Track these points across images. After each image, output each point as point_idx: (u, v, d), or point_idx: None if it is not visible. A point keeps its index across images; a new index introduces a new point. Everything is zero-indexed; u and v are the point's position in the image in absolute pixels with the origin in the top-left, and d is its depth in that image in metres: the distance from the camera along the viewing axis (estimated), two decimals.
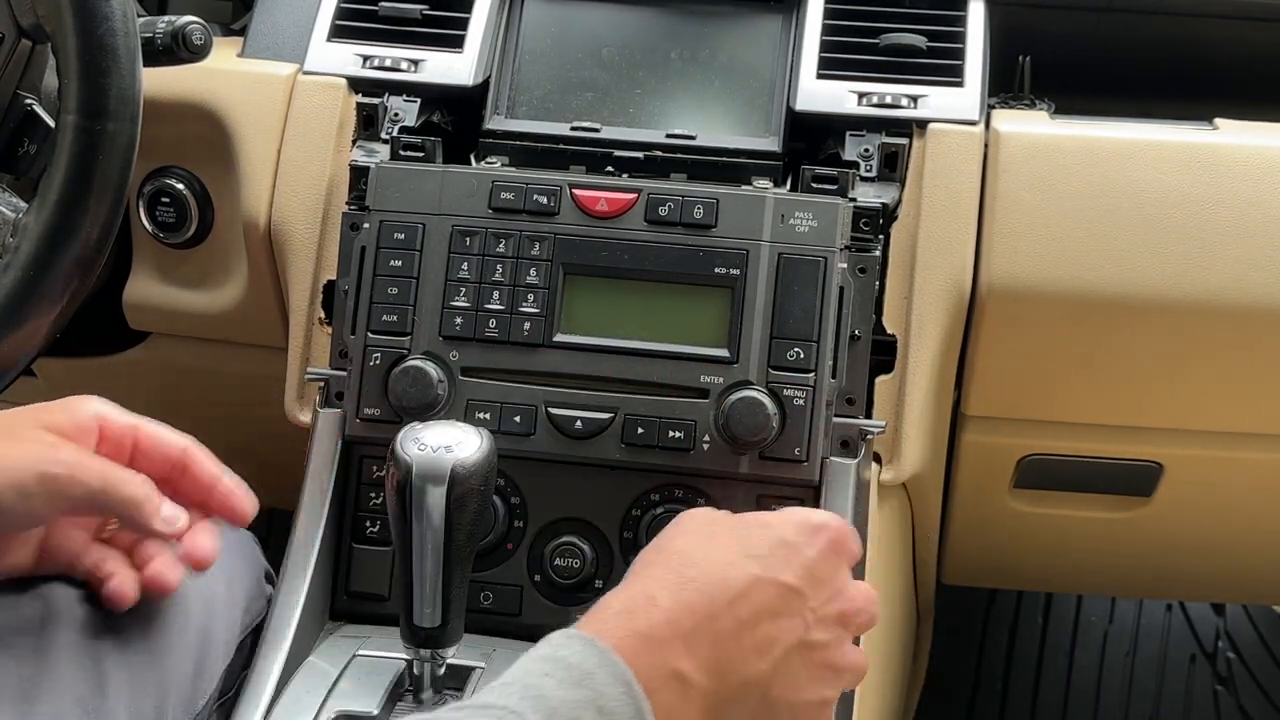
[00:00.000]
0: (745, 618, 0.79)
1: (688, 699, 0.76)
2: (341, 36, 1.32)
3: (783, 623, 0.81)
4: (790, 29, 1.30)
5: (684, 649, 0.77)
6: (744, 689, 0.79)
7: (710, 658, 0.77)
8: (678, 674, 0.76)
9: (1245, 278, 1.20)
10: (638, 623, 0.77)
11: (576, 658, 0.74)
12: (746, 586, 0.80)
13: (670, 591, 0.79)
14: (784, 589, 0.82)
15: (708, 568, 0.81)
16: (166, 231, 1.35)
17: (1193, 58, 1.45)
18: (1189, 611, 2.16)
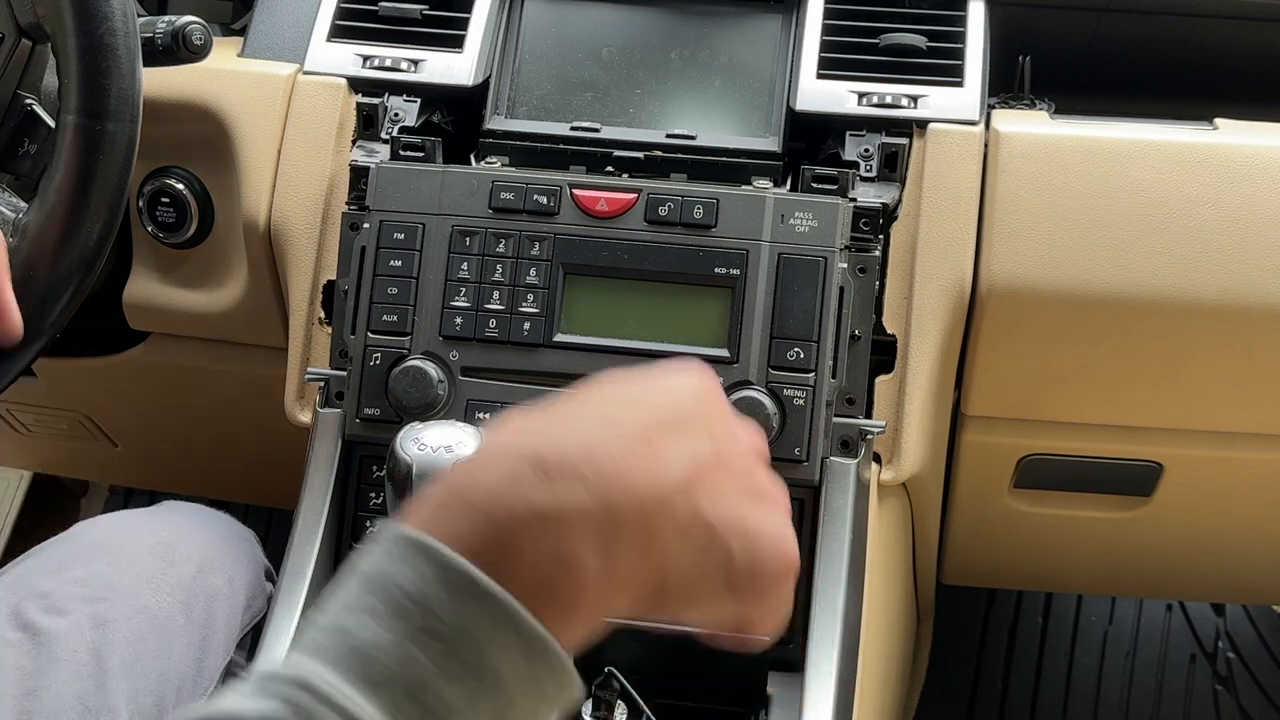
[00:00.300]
0: (620, 420, 0.61)
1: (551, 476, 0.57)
2: (341, 36, 1.32)
3: (683, 437, 0.62)
4: (790, 29, 1.30)
5: (537, 433, 0.59)
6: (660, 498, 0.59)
7: (576, 450, 0.58)
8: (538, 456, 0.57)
9: (1245, 277, 1.20)
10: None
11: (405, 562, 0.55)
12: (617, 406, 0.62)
13: (517, 419, 0.60)
14: (674, 414, 0.63)
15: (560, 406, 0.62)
16: (166, 231, 1.35)
17: (1193, 58, 1.45)
18: (1189, 611, 2.16)
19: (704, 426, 0.63)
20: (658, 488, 0.58)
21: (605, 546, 0.56)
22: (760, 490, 0.65)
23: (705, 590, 0.61)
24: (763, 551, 0.63)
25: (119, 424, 1.65)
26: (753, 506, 0.63)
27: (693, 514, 0.60)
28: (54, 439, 1.71)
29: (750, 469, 0.65)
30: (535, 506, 0.55)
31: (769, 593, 0.64)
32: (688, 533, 0.59)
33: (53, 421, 1.66)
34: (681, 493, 0.59)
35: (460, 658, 0.52)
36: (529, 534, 0.55)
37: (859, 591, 1.10)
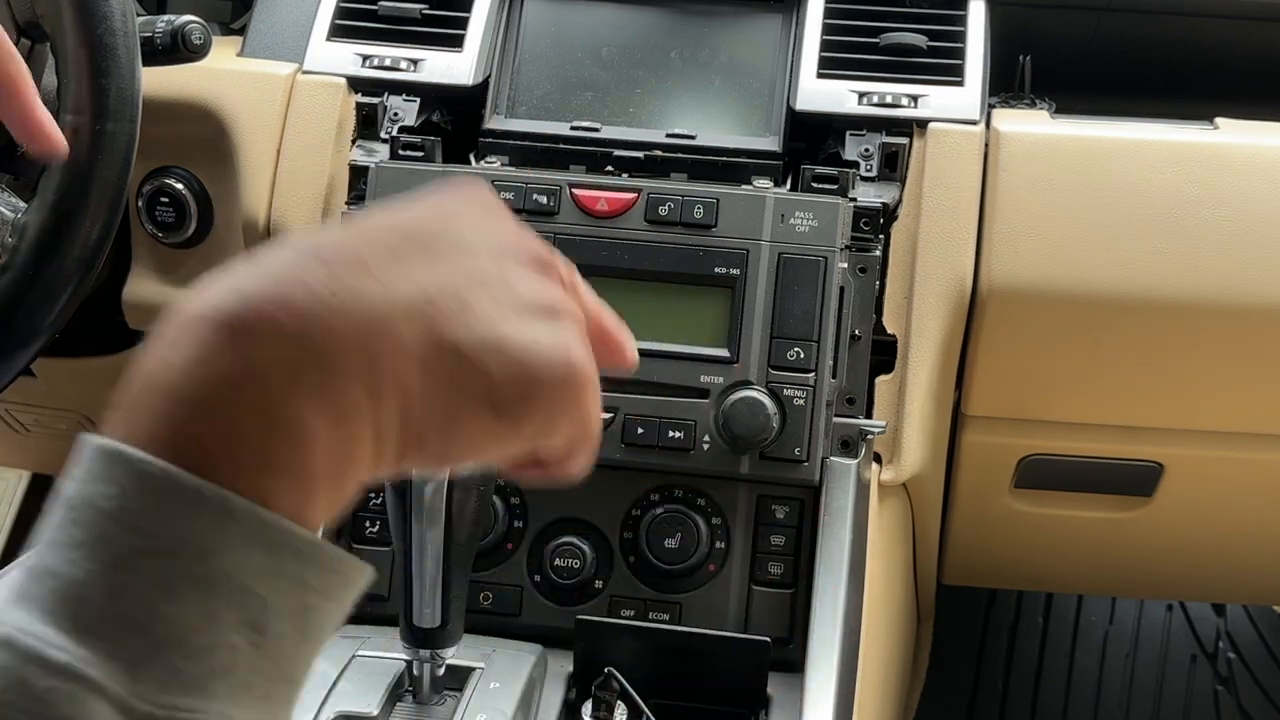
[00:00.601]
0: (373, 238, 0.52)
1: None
2: (341, 36, 1.32)
3: (419, 261, 0.52)
4: (790, 28, 1.29)
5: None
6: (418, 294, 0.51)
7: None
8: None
9: (1246, 277, 1.20)
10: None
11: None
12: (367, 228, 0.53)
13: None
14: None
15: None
16: (166, 231, 1.35)
17: (1193, 57, 1.45)
18: (1189, 612, 2.16)
19: (450, 243, 0.54)
20: (376, 317, 0.49)
21: (322, 398, 0.48)
22: (533, 303, 0.55)
23: (470, 424, 0.52)
24: (531, 363, 0.53)
25: None
26: (518, 321, 0.54)
27: (431, 341, 0.50)
28: (53, 439, 1.71)
29: (523, 280, 0.56)
30: (227, 373, 0.47)
31: (553, 410, 0.54)
32: (428, 362, 0.50)
33: (52, 421, 1.65)
34: (412, 319, 0.50)
35: (181, 571, 0.45)
36: (228, 408, 0.47)
37: (859, 592, 1.10)
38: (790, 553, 1.12)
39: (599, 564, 1.13)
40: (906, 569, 1.44)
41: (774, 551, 1.12)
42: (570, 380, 0.55)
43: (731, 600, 1.11)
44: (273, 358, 0.47)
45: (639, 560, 1.12)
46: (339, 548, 0.48)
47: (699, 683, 1.04)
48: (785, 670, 1.06)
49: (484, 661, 1.01)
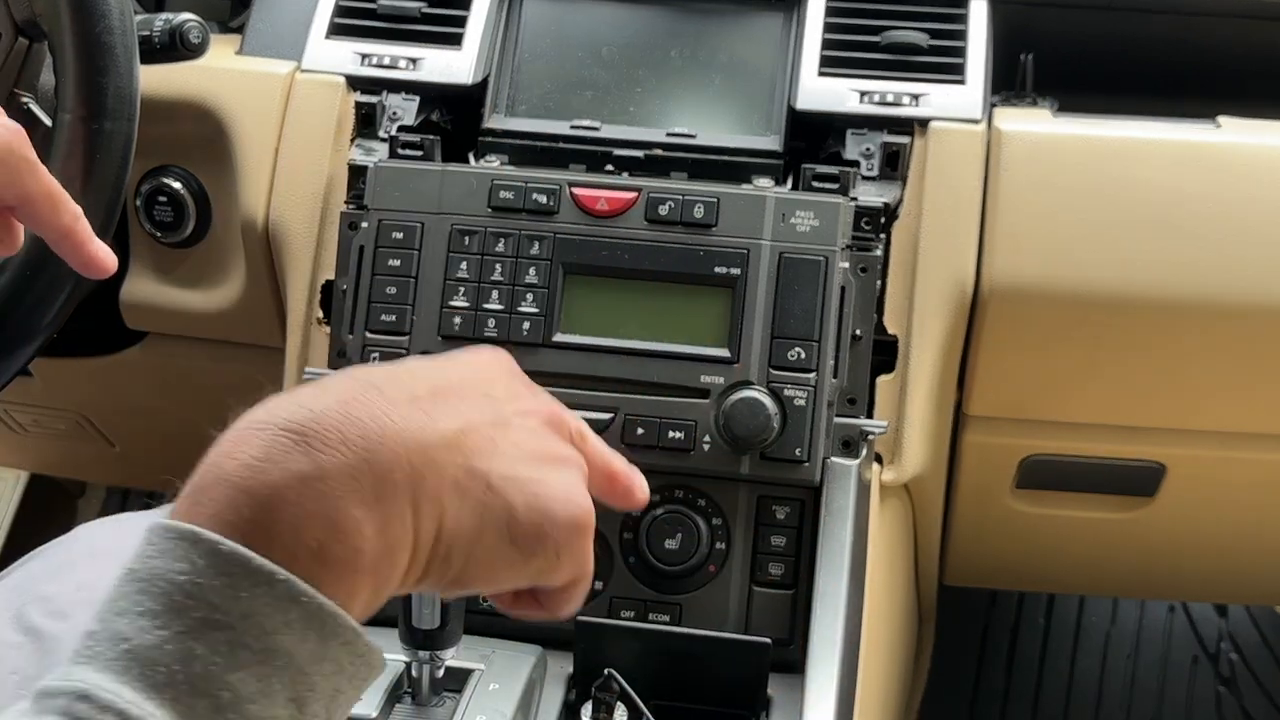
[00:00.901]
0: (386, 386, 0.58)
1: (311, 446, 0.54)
2: (340, 34, 1.32)
3: (456, 401, 0.60)
4: (791, 27, 1.29)
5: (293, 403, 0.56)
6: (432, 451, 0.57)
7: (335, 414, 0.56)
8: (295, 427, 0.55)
9: (1249, 276, 1.20)
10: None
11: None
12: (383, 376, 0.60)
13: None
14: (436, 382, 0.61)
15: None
16: (164, 231, 1.34)
17: (1195, 56, 1.44)
18: (1191, 612, 2.16)
19: (481, 393, 0.62)
20: (424, 443, 0.57)
21: (374, 504, 0.54)
22: (547, 453, 0.63)
23: (490, 548, 0.59)
24: (548, 505, 0.60)
25: (116, 424, 1.65)
26: (537, 466, 0.62)
27: (466, 469, 0.58)
28: (51, 439, 1.71)
29: (537, 432, 0.64)
30: (296, 473, 0.53)
31: (561, 550, 0.61)
32: (462, 488, 0.58)
33: (50, 421, 1.65)
34: (451, 448, 0.58)
35: (245, 644, 0.50)
36: (293, 503, 0.52)
37: (860, 593, 1.09)
38: (791, 553, 1.11)
39: (599, 564, 1.12)
40: (908, 570, 1.43)
41: (774, 552, 1.11)
42: (578, 522, 0.62)
43: (732, 601, 1.11)
44: (336, 465, 0.54)
45: (639, 561, 1.12)
46: (371, 639, 0.54)
47: (699, 684, 1.03)
48: (786, 671, 1.06)
49: (483, 663, 1.01)
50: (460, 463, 0.58)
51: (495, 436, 0.61)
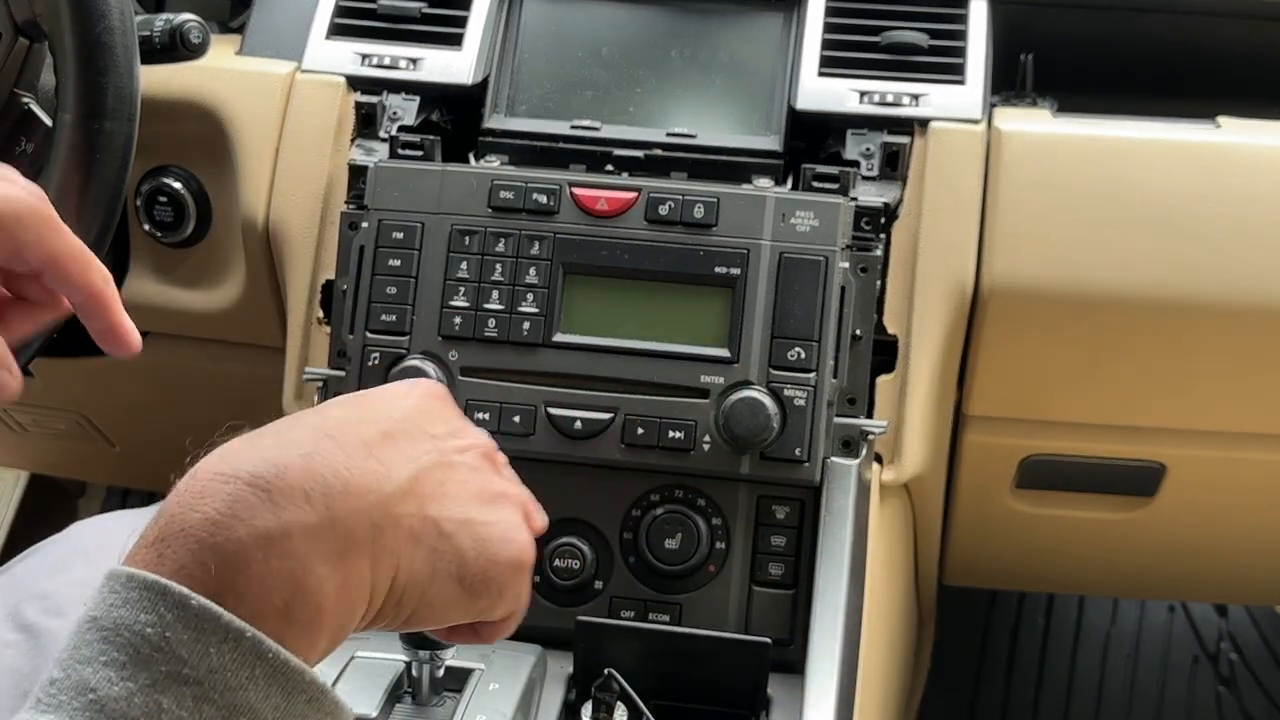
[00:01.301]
0: (336, 433, 0.61)
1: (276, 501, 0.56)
2: (340, 34, 1.32)
3: (406, 444, 0.63)
4: (791, 27, 1.29)
5: (250, 449, 0.58)
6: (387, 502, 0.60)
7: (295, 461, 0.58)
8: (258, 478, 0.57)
9: (1249, 276, 1.20)
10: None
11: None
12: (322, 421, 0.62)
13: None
14: (389, 429, 0.64)
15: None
16: (164, 231, 1.34)
17: (1195, 56, 1.44)
18: (1191, 613, 2.16)
19: (425, 432, 0.65)
20: (383, 496, 0.59)
21: (338, 562, 0.56)
22: (488, 490, 0.67)
23: (441, 592, 0.62)
24: (495, 548, 0.65)
25: (116, 424, 1.65)
26: (481, 506, 0.65)
27: (420, 518, 0.61)
28: (51, 439, 1.71)
29: (478, 469, 0.67)
30: (261, 531, 0.54)
31: (505, 588, 0.66)
32: (417, 536, 0.61)
33: (50, 421, 1.65)
34: (407, 497, 0.61)
35: (211, 700, 0.51)
36: (260, 561, 0.54)
37: (860, 593, 1.09)
38: (791, 553, 1.11)
39: (599, 564, 1.13)
40: (908, 569, 1.43)
41: (774, 552, 1.11)
42: (519, 562, 0.67)
43: (732, 601, 1.11)
44: (301, 523, 0.55)
45: (639, 561, 1.12)
46: (336, 694, 0.56)
47: (699, 684, 1.03)
48: (786, 671, 1.06)
49: (483, 662, 1.01)
50: (415, 511, 0.61)
51: (443, 479, 0.64)
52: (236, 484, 0.55)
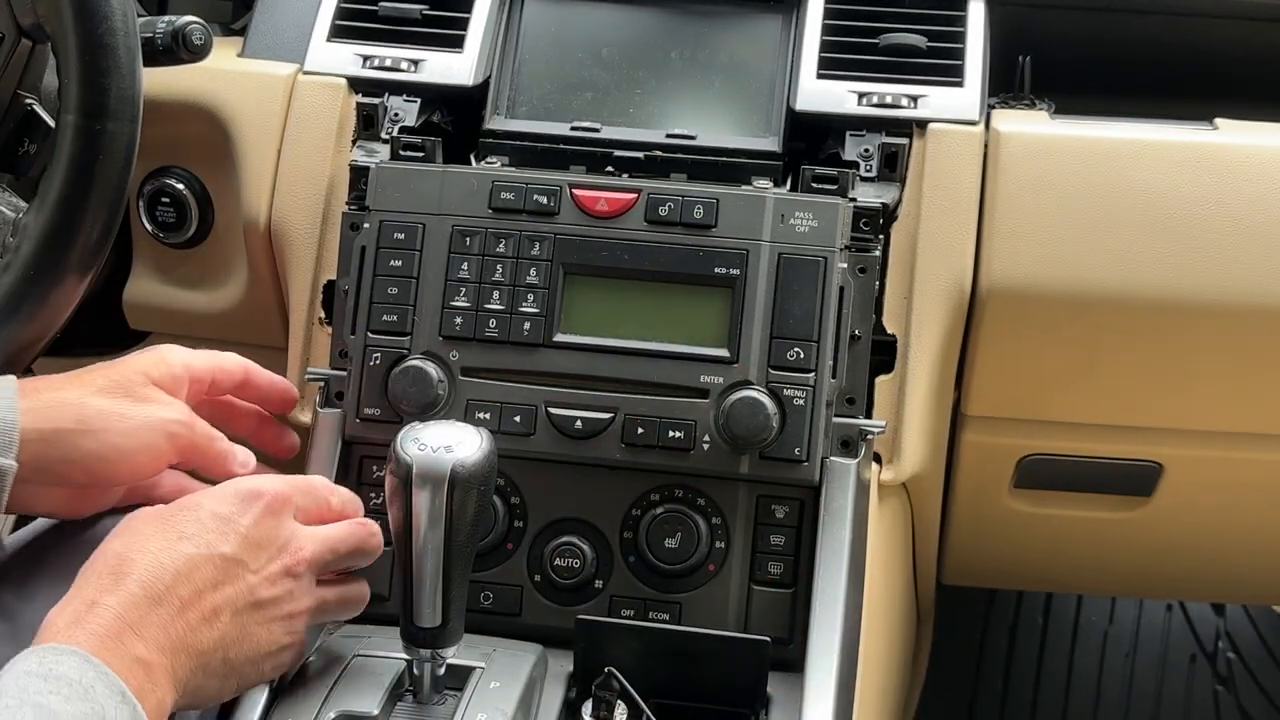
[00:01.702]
0: (187, 596, 0.86)
1: (154, 680, 0.82)
2: (341, 36, 1.32)
3: (225, 590, 0.89)
4: (790, 29, 1.30)
5: (137, 638, 0.82)
6: (202, 657, 0.87)
7: (163, 639, 0.84)
8: (140, 660, 0.82)
9: (1246, 277, 1.20)
10: (89, 628, 0.81)
11: (75, 673, 0.77)
12: (183, 567, 0.87)
13: (110, 591, 0.84)
14: (222, 560, 0.89)
15: (143, 560, 0.86)
16: (166, 231, 1.35)
17: (1193, 57, 1.45)
18: (1189, 612, 2.16)
19: (241, 576, 0.90)
20: (207, 647, 0.88)
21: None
22: (290, 614, 0.94)
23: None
24: (268, 668, 0.95)
25: None
26: (277, 638, 0.93)
27: (226, 662, 0.90)
28: None
29: (285, 596, 0.93)
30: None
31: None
32: (225, 675, 0.90)
33: None
34: (221, 647, 0.89)
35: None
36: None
37: (859, 592, 1.10)
38: (790, 552, 1.12)
39: (599, 564, 1.13)
40: (906, 569, 1.44)
41: (774, 551, 1.12)
42: (282, 670, 0.99)
43: (731, 600, 1.12)
44: (149, 648, 0.84)
45: (639, 560, 1.12)
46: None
47: (699, 682, 1.04)
48: (785, 670, 1.06)
49: (484, 661, 1.01)
50: (223, 655, 0.90)
51: (248, 621, 0.91)
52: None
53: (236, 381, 1.12)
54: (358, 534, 0.99)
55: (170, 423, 1.01)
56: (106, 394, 1.00)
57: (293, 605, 0.94)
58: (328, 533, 0.97)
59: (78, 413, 0.98)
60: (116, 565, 0.86)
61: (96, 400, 0.99)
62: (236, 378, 1.12)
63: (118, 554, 0.87)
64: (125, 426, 0.99)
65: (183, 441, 1.02)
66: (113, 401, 0.99)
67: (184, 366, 1.06)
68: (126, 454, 0.99)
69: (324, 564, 0.96)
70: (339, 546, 0.97)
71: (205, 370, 1.08)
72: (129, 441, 0.99)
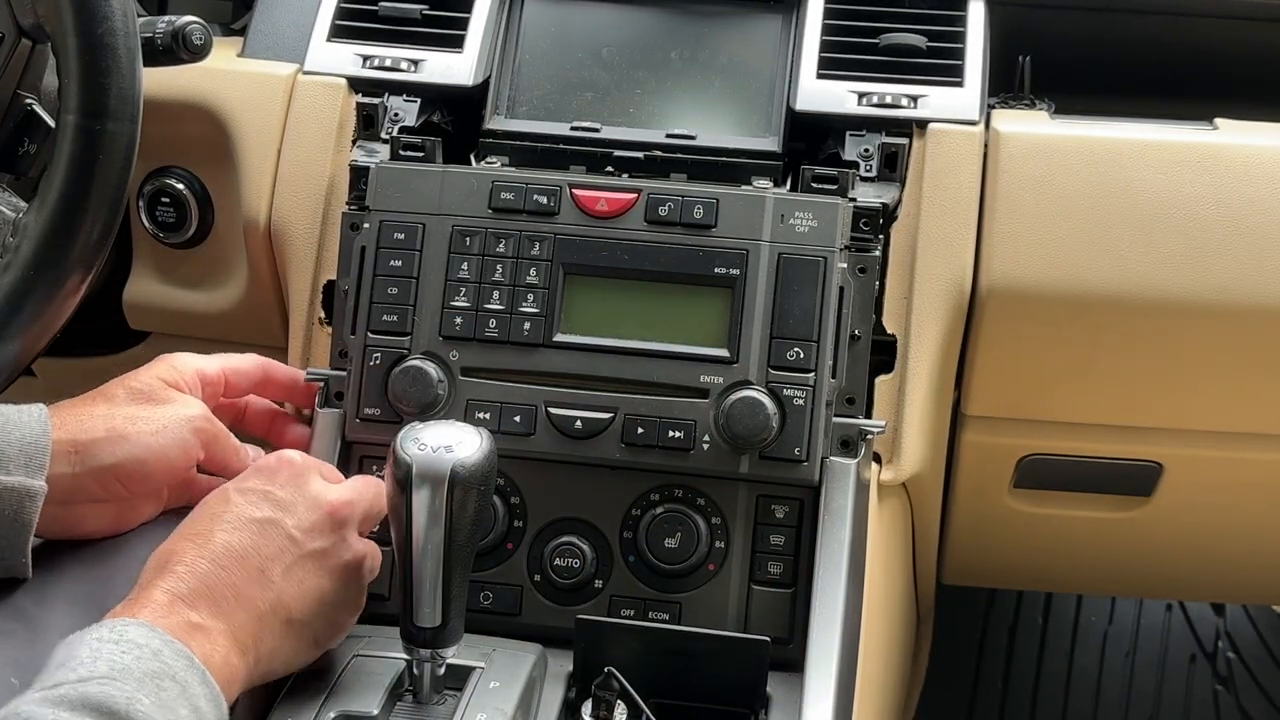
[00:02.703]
0: (230, 563, 0.91)
1: (214, 641, 0.87)
2: (341, 36, 1.32)
3: (267, 549, 0.93)
4: (790, 29, 1.30)
5: (189, 607, 0.87)
6: (262, 618, 0.91)
7: (214, 606, 0.88)
8: (195, 625, 0.87)
9: (1245, 277, 1.20)
10: (142, 607, 0.86)
11: (142, 638, 0.82)
12: (221, 541, 0.91)
13: (157, 580, 0.89)
14: (256, 524, 0.93)
15: (183, 550, 0.91)
16: (166, 231, 1.35)
17: (1193, 58, 1.45)
18: (1189, 611, 2.16)
19: (282, 533, 0.94)
20: (265, 609, 0.92)
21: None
22: (343, 562, 0.97)
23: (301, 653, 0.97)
24: (341, 620, 0.99)
25: None
26: (335, 587, 0.96)
27: (289, 621, 0.94)
28: None
29: (333, 547, 0.96)
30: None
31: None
32: (288, 632, 0.94)
33: None
34: (279, 606, 0.92)
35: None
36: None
37: (859, 591, 1.10)
38: (790, 552, 1.12)
39: (599, 564, 1.13)
40: (906, 569, 1.44)
41: (773, 551, 1.12)
42: (354, 618, 1.02)
43: (731, 600, 1.12)
44: (206, 616, 0.89)
45: (639, 560, 1.12)
46: None
47: (699, 682, 1.04)
48: (785, 670, 1.06)
49: (484, 661, 1.01)
50: (284, 616, 0.94)
51: (301, 574, 0.95)
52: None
53: (255, 380, 1.16)
54: (374, 487, 1.02)
55: (194, 418, 1.06)
56: (131, 402, 1.05)
57: (345, 553, 0.97)
58: (353, 483, 1.01)
59: (106, 423, 1.03)
60: (160, 562, 0.91)
61: (123, 409, 1.04)
62: (254, 377, 1.15)
63: (158, 553, 0.92)
64: (154, 427, 1.04)
65: (208, 435, 1.07)
66: (138, 407, 1.04)
67: (195, 372, 1.10)
68: (158, 452, 1.03)
69: (359, 513, 0.99)
70: (365, 498, 1.00)
71: (216, 374, 1.12)
72: (160, 440, 1.03)
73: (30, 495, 0.98)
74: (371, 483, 1.02)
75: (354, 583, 0.98)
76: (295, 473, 0.98)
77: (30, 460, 0.98)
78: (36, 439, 0.99)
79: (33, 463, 0.98)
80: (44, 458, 0.99)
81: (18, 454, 0.98)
